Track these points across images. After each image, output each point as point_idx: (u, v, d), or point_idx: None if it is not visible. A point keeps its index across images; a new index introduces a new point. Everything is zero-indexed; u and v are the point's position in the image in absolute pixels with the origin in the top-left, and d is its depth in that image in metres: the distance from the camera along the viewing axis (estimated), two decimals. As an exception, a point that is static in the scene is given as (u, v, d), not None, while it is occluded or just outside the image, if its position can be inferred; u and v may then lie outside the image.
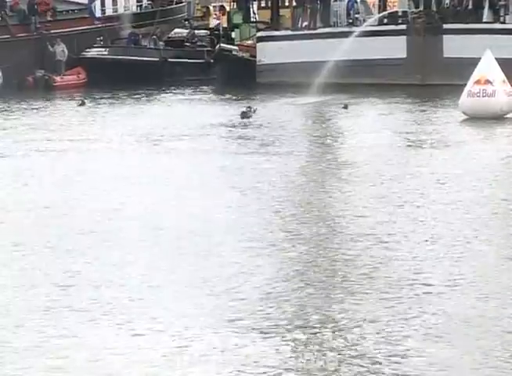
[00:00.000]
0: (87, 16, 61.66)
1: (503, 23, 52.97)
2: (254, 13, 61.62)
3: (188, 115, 45.06)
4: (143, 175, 32.21)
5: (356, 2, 58.15)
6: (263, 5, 61.89)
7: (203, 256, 21.13)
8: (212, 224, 25.05)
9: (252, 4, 62.86)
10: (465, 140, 38.70)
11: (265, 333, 15.78)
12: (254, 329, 15.90)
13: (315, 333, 15.26)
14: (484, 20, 53.41)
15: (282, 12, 59.32)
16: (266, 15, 60.14)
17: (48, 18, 58.94)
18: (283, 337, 15.53)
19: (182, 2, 71.00)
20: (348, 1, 57.71)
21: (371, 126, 42.47)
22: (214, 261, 20.57)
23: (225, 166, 34.00)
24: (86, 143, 39.02)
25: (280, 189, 30.43)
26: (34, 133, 41.91)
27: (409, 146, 39.02)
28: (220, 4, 65.73)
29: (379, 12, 56.54)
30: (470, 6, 54.71)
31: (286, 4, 59.81)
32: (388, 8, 57.35)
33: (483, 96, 41.35)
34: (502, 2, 54.29)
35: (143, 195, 28.86)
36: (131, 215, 25.77)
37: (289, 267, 20.78)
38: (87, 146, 38.84)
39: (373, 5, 58.45)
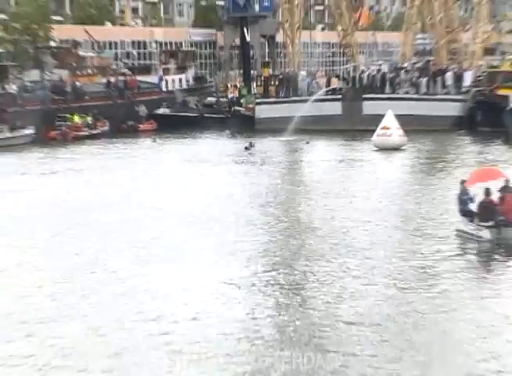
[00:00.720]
0: (157, 90, 61.77)
1: (398, 94, 52.96)
2: (253, 88, 61.49)
3: (214, 147, 45.53)
4: (185, 179, 33.90)
5: (312, 82, 57.97)
6: (259, 83, 61.55)
7: (220, 232, 22.67)
8: (223, 211, 26.25)
9: (252, 83, 62.86)
10: (374, 161, 39.16)
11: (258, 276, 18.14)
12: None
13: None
14: (386, 92, 53.61)
15: (270, 88, 59.23)
16: (261, 89, 59.93)
17: (135, 91, 59.02)
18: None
19: (211, 82, 71.14)
20: (308, 82, 57.65)
21: (321, 153, 42.74)
22: (228, 235, 22.09)
23: (235, 178, 34.88)
24: (155, 164, 39.33)
25: (266, 187, 32.11)
26: (126, 157, 42.41)
27: (342, 162, 40.02)
28: (234, 83, 65.37)
29: (326, 88, 56.26)
30: (378, 85, 54.58)
31: (272, 83, 59.51)
32: (331, 85, 56.91)
33: (385, 136, 41.67)
34: (396, 82, 54.31)
35: (187, 193, 30.02)
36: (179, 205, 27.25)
37: (273, 243, 22.14)
38: (156, 164, 39.35)
39: (323, 83, 58.04)
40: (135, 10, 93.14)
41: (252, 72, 66.69)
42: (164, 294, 16.52)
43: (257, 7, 67.72)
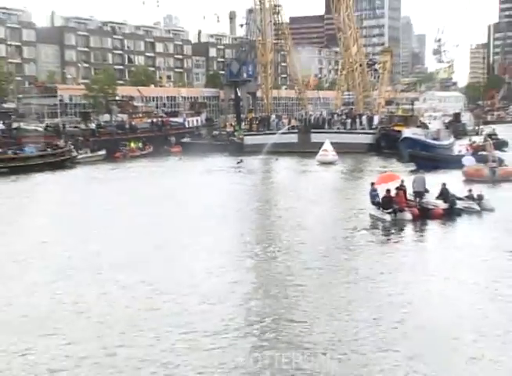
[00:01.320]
0: (182, 126, 61.50)
1: (332, 129, 52.70)
2: (243, 126, 60.88)
3: (218, 162, 44.87)
4: (201, 181, 33.40)
5: (279, 122, 57.81)
6: (246, 122, 60.44)
7: (224, 215, 22.16)
8: (226, 200, 25.85)
9: (242, 122, 62.09)
10: (317, 171, 38.85)
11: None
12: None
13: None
14: (325, 128, 52.98)
15: (253, 125, 58.22)
16: (247, 126, 58.91)
17: (168, 127, 58.90)
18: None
19: (216, 121, 70.38)
20: (276, 121, 57.38)
21: (284, 166, 42.56)
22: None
23: (231, 180, 34.72)
24: (182, 173, 39.33)
25: (250, 186, 31.98)
26: (163, 169, 42.18)
27: (297, 171, 39.63)
28: (230, 123, 64.83)
29: (288, 125, 56.03)
30: (320, 123, 54.26)
31: (254, 122, 58.50)
32: (291, 124, 56.54)
33: (324, 156, 41.66)
34: (332, 122, 54.22)
35: (203, 190, 29.54)
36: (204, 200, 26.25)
37: (255, 223, 22.07)
38: (182, 173, 39.19)
39: (286, 122, 57.46)
40: (168, 77, 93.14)
41: (242, 115, 66.30)
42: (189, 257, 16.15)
43: (244, 75, 67.57)
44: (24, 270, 14.92)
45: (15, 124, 50.07)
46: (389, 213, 19.88)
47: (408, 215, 19.85)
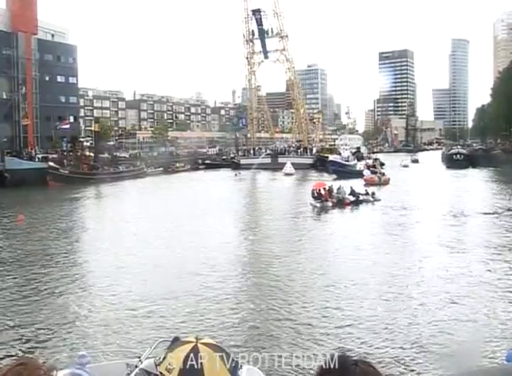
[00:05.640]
0: (205, 154, 59.86)
1: (290, 155, 51.98)
2: (240, 153, 59.45)
3: (226, 173, 43.63)
4: (214, 185, 31.81)
5: (260, 151, 56.86)
6: (241, 152, 58.89)
7: (225, 208, 19.64)
8: (230, 198, 23.40)
9: (238, 152, 60.22)
10: (282, 178, 38.06)
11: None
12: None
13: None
14: (286, 155, 52.21)
15: (246, 153, 57.31)
16: (242, 153, 57.74)
17: (198, 154, 57.67)
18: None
19: (224, 151, 67.47)
20: (258, 151, 56.50)
21: (264, 176, 41.24)
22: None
23: (232, 186, 33.43)
24: (205, 180, 37.85)
25: (243, 188, 30.69)
26: (194, 177, 40.30)
27: (270, 179, 38.77)
28: (233, 152, 63.11)
29: (265, 153, 55.24)
30: (283, 152, 53.64)
31: (247, 151, 57.98)
32: (267, 152, 55.90)
33: (287, 169, 41.15)
34: (290, 150, 53.68)
35: (215, 190, 27.71)
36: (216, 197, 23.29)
37: (242, 210, 20.84)
38: (205, 180, 37.68)
39: (264, 152, 56.12)
40: (197, 126, 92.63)
41: (238, 148, 65.23)
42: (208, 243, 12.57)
43: (240, 124, 67.00)
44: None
45: (114, 154, 49.46)
46: (319, 202, 19.78)
47: (329, 204, 19.76)
